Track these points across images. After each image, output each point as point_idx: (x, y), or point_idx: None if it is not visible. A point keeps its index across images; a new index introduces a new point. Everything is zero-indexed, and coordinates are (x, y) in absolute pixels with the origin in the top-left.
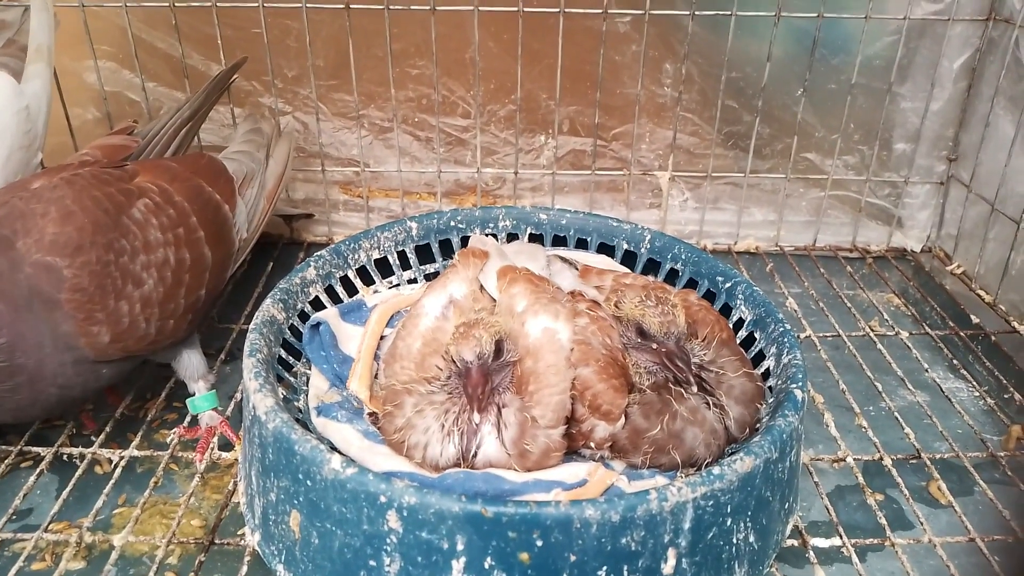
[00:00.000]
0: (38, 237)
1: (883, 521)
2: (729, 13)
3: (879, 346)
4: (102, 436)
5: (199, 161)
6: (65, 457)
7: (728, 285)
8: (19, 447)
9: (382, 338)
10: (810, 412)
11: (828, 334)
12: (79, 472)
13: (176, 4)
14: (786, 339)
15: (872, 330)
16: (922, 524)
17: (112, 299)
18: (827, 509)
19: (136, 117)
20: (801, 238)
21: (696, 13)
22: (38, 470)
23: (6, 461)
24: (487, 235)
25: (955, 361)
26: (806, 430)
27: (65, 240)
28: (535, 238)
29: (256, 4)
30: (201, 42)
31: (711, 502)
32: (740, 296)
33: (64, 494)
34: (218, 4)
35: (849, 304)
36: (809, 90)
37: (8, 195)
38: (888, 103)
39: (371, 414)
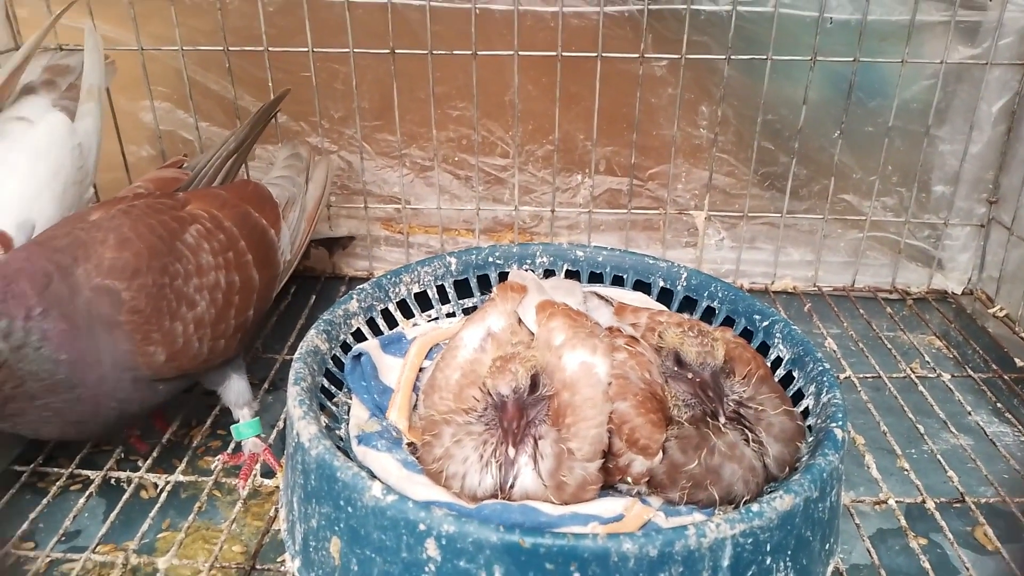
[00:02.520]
0: (98, 263)
1: (927, 566)
2: (765, 57)
3: (920, 388)
4: (149, 461)
5: (246, 188)
6: (113, 481)
7: (765, 324)
8: (70, 470)
9: (421, 370)
10: (850, 454)
11: (868, 375)
12: (126, 496)
13: (230, 48)
14: (825, 378)
15: (913, 372)
16: (968, 570)
17: (167, 320)
18: (869, 552)
19: (188, 153)
20: (839, 279)
21: (732, 57)
22: (87, 493)
23: (57, 483)
24: (524, 271)
25: (999, 404)
26: (847, 472)
27: (123, 265)
28: (571, 275)
29: (306, 49)
30: (253, 84)
31: (750, 540)
32: (778, 335)
33: (111, 517)
34: (270, 49)
35: (889, 346)
36: (846, 132)
37: (68, 226)
38: (926, 146)
39: (409, 444)
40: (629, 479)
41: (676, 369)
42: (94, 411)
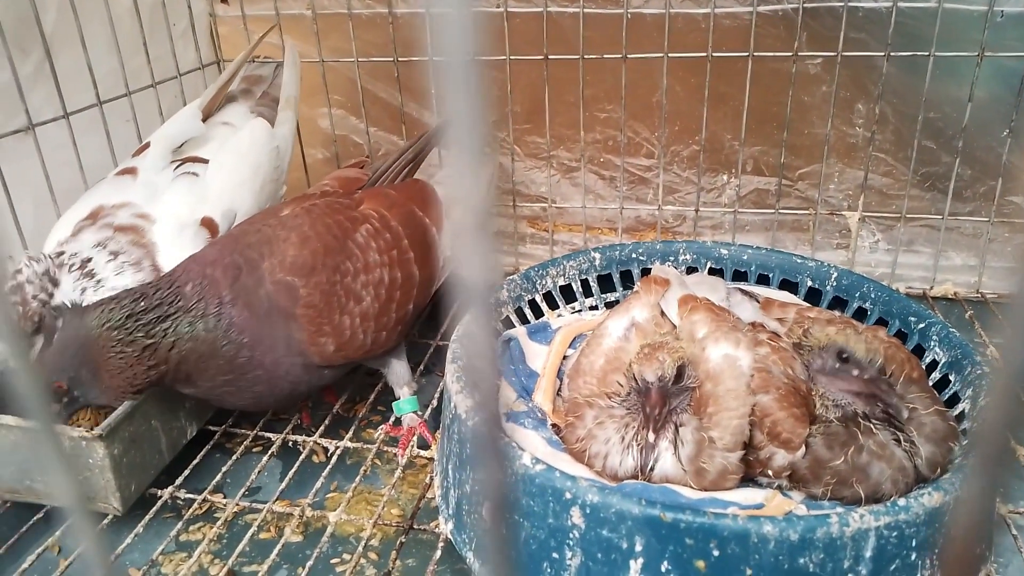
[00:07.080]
0: (280, 259)
1: None
2: (927, 54)
3: None
4: (320, 429)
5: (414, 187)
6: (290, 444)
7: (921, 326)
8: (253, 433)
9: (565, 358)
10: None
11: None
12: (300, 459)
13: (399, 59)
14: (984, 382)
15: None
16: None
17: (337, 314)
18: None
19: (358, 157)
20: (1005, 285)
21: (891, 54)
22: (268, 454)
23: (244, 444)
24: (668, 266)
25: None
26: (1006, 483)
27: (302, 262)
28: (715, 272)
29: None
30: (417, 92)
31: (895, 533)
32: (934, 337)
33: (288, 476)
34: (434, 59)
35: None
36: (1015, 131)
37: (261, 222)
38: None
39: (553, 425)
40: (770, 472)
41: (838, 366)
42: (269, 389)
